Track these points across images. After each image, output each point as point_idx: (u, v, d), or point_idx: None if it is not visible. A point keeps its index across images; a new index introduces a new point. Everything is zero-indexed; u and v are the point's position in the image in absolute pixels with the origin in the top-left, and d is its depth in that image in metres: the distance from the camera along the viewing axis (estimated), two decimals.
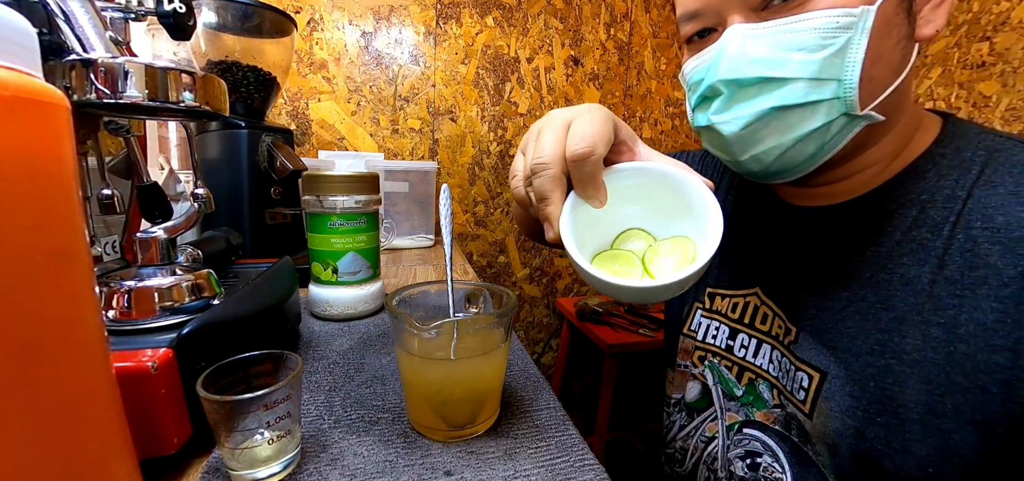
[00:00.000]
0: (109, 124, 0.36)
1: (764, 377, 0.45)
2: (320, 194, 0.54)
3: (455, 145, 1.38)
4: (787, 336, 0.43)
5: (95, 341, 0.19)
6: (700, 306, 0.54)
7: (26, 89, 0.16)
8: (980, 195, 0.35)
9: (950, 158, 0.37)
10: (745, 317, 0.47)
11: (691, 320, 0.54)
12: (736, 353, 0.47)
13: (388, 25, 1.27)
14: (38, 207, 0.16)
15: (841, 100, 0.33)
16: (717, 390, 0.49)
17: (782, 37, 0.33)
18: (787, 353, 0.42)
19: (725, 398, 0.48)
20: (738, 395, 0.47)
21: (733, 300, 0.49)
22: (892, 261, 0.37)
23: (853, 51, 0.32)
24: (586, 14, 1.41)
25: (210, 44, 0.79)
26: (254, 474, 0.28)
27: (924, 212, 0.37)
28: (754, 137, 0.36)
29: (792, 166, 0.38)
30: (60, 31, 0.30)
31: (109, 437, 0.20)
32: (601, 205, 0.34)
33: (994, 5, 0.93)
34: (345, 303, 0.57)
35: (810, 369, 0.40)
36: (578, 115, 0.34)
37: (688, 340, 0.54)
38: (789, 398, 0.42)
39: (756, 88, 0.35)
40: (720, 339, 0.50)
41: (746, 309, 0.48)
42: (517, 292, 1.53)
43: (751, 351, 0.46)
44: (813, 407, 0.39)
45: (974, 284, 0.33)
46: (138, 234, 0.36)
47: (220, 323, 0.34)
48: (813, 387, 0.39)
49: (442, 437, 0.34)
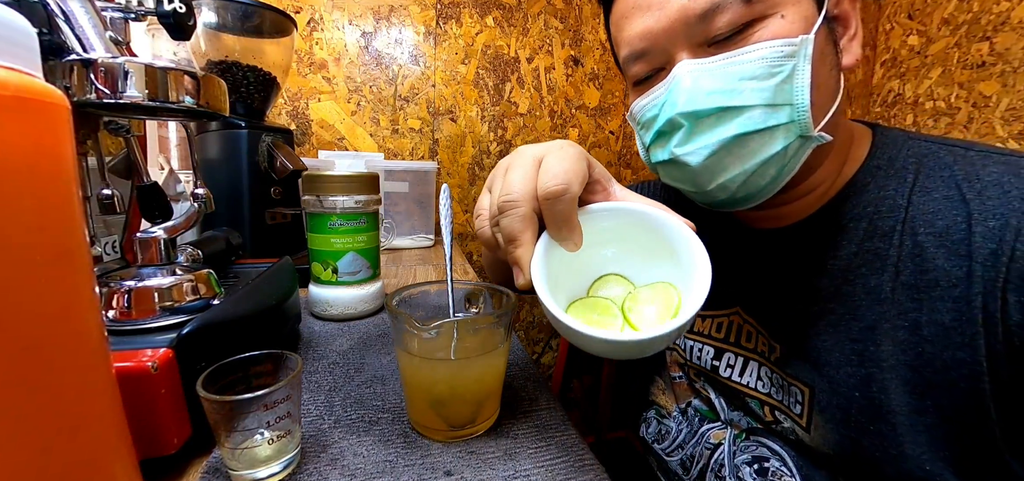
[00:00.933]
0: (109, 124, 0.36)
1: (753, 396, 0.45)
2: (320, 194, 0.54)
3: (455, 145, 1.38)
4: (772, 353, 0.44)
5: (95, 341, 0.19)
6: None
7: (26, 89, 0.16)
8: (919, 202, 0.37)
9: (885, 169, 0.40)
10: (730, 336, 0.48)
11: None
12: (722, 374, 0.48)
13: (388, 25, 1.27)
14: (38, 207, 0.16)
15: (796, 123, 0.35)
16: (719, 402, 0.50)
17: (731, 69, 0.35)
18: (776, 370, 0.43)
19: (729, 410, 0.49)
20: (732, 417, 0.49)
21: (716, 320, 0.50)
22: (852, 272, 0.39)
23: (799, 76, 0.35)
24: (586, 14, 1.41)
25: (210, 44, 0.79)
26: (254, 474, 0.28)
27: (873, 223, 0.39)
28: (719, 165, 0.37)
29: (756, 190, 0.39)
30: (60, 31, 0.30)
31: (109, 437, 0.20)
32: (576, 248, 0.32)
33: (994, 5, 0.93)
34: (345, 303, 0.57)
35: (800, 384, 0.41)
36: (549, 151, 0.32)
37: (674, 353, 0.55)
38: (787, 413, 0.42)
39: (714, 119, 0.36)
40: (705, 360, 0.50)
41: (730, 328, 0.48)
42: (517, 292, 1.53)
43: (737, 370, 0.47)
44: (809, 421, 0.40)
45: (928, 286, 0.35)
46: (138, 234, 0.36)
47: (220, 323, 0.34)
48: (806, 402, 0.40)
49: (442, 437, 0.34)
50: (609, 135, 1.51)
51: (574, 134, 1.47)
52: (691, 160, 0.38)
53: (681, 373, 0.55)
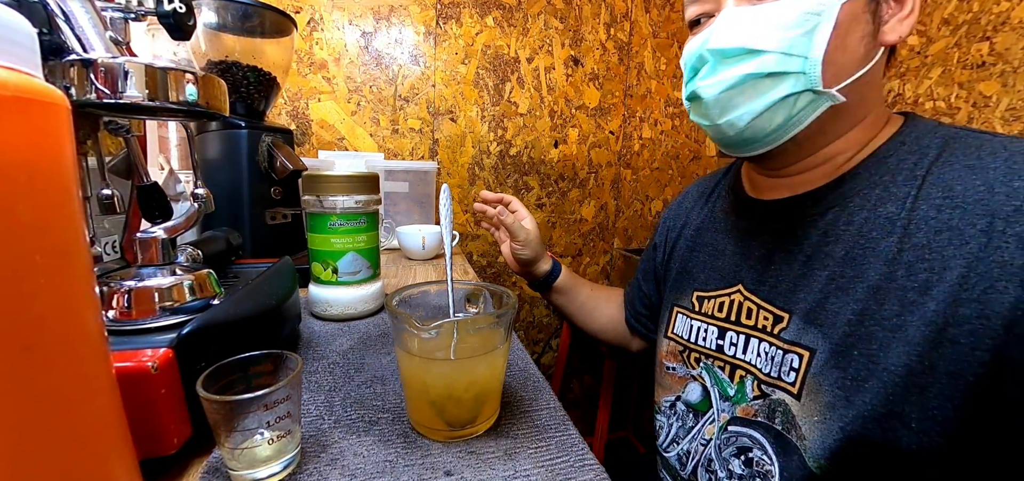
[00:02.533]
0: (109, 124, 0.36)
1: (751, 371, 0.46)
2: (320, 194, 0.54)
3: (455, 145, 1.38)
4: (776, 324, 0.45)
5: (95, 341, 0.19)
6: (681, 309, 0.57)
7: (26, 89, 0.16)
8: (939, 172, 0.38)
9: (910, 145, 0.41)
10: (731, 314, 0.50)
11: (673, 323, 0.57)
12: (727, 352, 0.49)
13: (388, 25, 1.27)
14: (38, 207, 0.16)
15: (806, 75, 0.38)
16: (714, 392, 0.51)
17: (764, 16, 0.39)
18: (775, 341, 0.44)
19: (720, 399, 0.50)
20: (731, 394, 0.48)
21: (718, 300, 0.52)
22: (863, 236, 0.40)
23: (820, 33, 0.37)
24: (586, 14, 1.41)
25: (210, 44, 0.79)
26: (254, 474, 0.28)
27: (887, 189, 0.40)
28: (730, 102, 0.41)
29: (762, 134, 0.42)
30: (60, 31, 0.30)
31: (109, 437, 0.20)
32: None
33: (994, 5, 0.93)
34: (345, 303, 0.57)
35: (800, 349, 0.42)
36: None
37: (671, 343, 0.57)
38: (775, 384, 0.43)
39: (737, 59, 0.40)
40: (710, 340, 0.51)
41: (731, 306, 0.50)
42: (517, 292, 1.53)
43: (740, 347, 0.48)
44: (802, 386, 0.41)
45: (941, 246, 0.36)
46: (138, 234, 0.36)
47: (220, 323, 0.34)
48: (803, 366, 0.41)
49: (442, 437, 0.34)
50: (609, 135, 1.51)
51: (574, 134, 1.47)
52: (706, 93, 0.41)
53: (676, 364, 0.56)
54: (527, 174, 1.46)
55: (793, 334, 0.43)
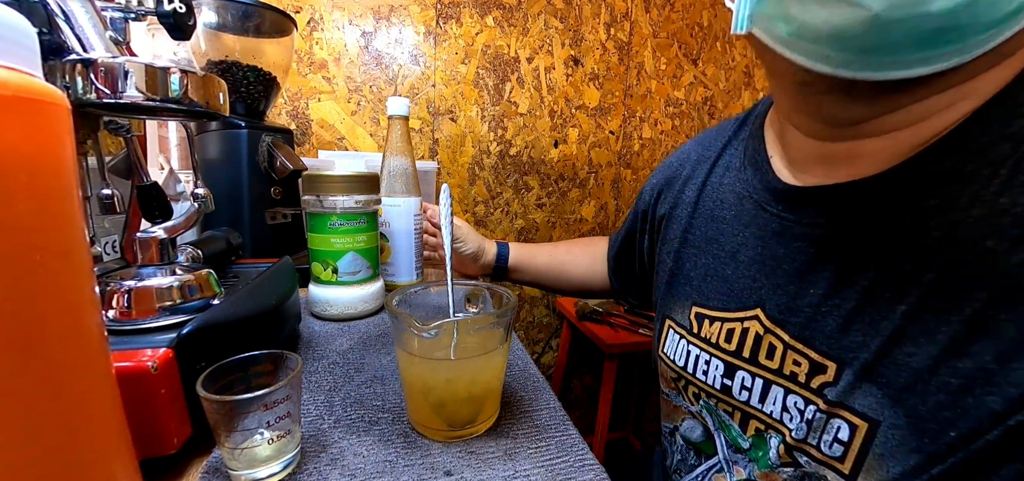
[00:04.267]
0: (109, 124, 0.36)
1: (777, 428, 0.35)
2: (320, 194, 0.54)
3: (455, 145, 1.38)
4: (816, 375, 0.32)
5: (95, 341, 0.19)
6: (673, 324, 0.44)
7: (26, 89, 0.16)
8: None
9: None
10: (744, 349, 0.37)
11: (664, 340, 0.45)
12: (737, 396, 0.38)
13: (388, 25, 1.27)
14: (38, 207, 0.16)
15: None
16: (720, 438, 0.40)
17: None
18: (813, 397, 0.32)
19: (729, 449, 0.40)
20: (744, 448, 0.38)
21: (727, 325, 0.39)
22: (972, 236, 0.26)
23: None
24: (586, 14, 1.41)
25: (210, 44, 0.79)
26: (254, 474, 0.28)
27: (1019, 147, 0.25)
28: None
29: (972, 26, 0.22)
30: (60, 31, 0.30)
31: (109, 437, 0.20)
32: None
33: None
34: (345, 303, 0.57)
35: (854, 417, 0.30)
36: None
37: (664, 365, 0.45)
38: (811, 453, 0.32)
39: None
40: (713, 377, 0.39)
41: (744, 338, 0.37)
42: (517, 292, 1.53)
43: (756, 394, 0.36)
44: (859, 467, 0.30)
45: None
46: (138, 234, 0.36)
47: (220, 323, 0.34)
48: (859, 440, 0.30)
49: (442, 437, 0.34)
50: (609, 135, 1.51)
51: (574, 134, 1.47)
52: None
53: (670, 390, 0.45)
54: (527, 174, 1.46)
55: (842, 393, 0.30)
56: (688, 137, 1.60)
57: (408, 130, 0.68)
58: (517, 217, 1.47)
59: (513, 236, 1.48)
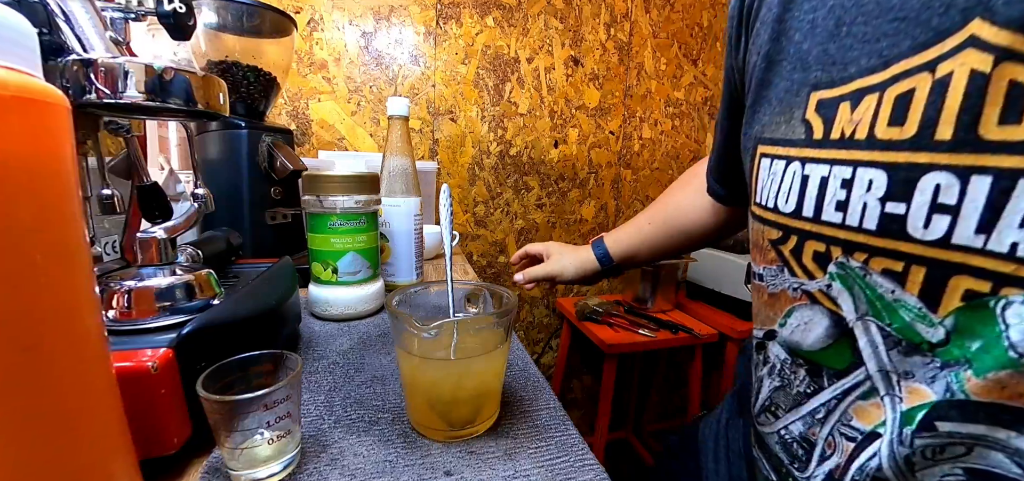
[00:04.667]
0: (109, 124, 0.36)
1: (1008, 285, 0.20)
2: (320, 194, 0.54)
3: (455, 145, 1.38)
4: None
5: (95, 341, 0.19)
6: (770, 148, 0.29)
7: (26, 89, 0.16)
8: None
9: None
10: (938, 124, 0.21)
11: (756, 182, 0.30)
12: (918, 232, 0.22)
13: (388, 25, 1.27)
14: (38, 207, 0.16)
15: None
16: (869, 333, 0.24)
17: None
18: None
19: (892, 350, 0.24)
20: (934, 340, 0.22)
21: (893, 92, 0.23)
22: None
23: None
24: (586, 14, 1.41)
25: (210, 44, 0.79)
26: (254, 474, 0.28)
27: None
28: None
29: None
30: (60, 31, 0.30)
31: (109, 437, 0.20)
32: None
33: None
34: (345, 303, 0.57)
35: None
36: None
37: (760, 226, 0.30)
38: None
39: None
40: (861, 206, 0.24)
41: (939, 101, 0.21)
42: (517, 292, 1.53)
43: (972, 217, 0.20)
44: None
45: None
46: (138, 234, 0.36)
47: (220, 323, 0.34)
48: None
49: (442, 437, 0.34)
50: (609, 135, 1.51)
51: (574, 134, 1.47)
52: None
53: (764, 265, 0.30)
54: (527, 174, 1.45)
55: None
56: (688, 137, 1.60)
57: (408, 130, 0.68)
58: (517, 217, 1.47)
59: (513, 236, 1.48)
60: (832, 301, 0.26)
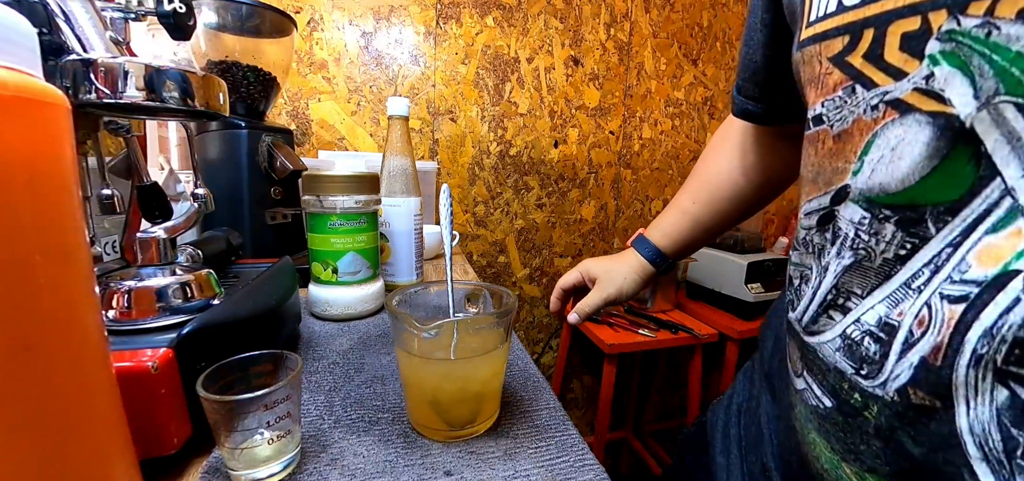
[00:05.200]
0: (109, 124, 0.36)
1: None
2: (320, 194, 0.54)
3: (455, 145, 1.38)
4: None
5: (95, 341, 0.19)
6: None
7: (26, 89, 0.16)
8: None
9: None
10: None
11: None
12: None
13: (388, 25, 1.27)
14: (38, 207, 0.16)
15: None
16: (1007, 121, 0.17)
17: None
18: None
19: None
20: None
21: None
22: None
23: None
24: (586, 14, 1.41)
25: (210, 44, 0.79)
26: (254, 474, 0.28)
27: None
28: None
29: None
30: (60, 31, 0.30)
31: (109, 437, 0.20)
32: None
33: None
34: (345, 303, 0.57)
35: None
36: None
37: (818, 46, 0.24)
38: None
39: None
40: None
41: None
42: (517, 292, 1.53)
43: None
44: None
45: None
46: (138, 234, 0.36)
47: (220, 323, 0.34)
48: None
49: (442, 437, 0.34)
50: (609, 135, 1.51)
51: (574, 134, 1.47)
52: None
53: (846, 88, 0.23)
54: (527, 174, 1.45)
55: None
56: (688, 137, 1.60)
57: (408, 130, 0.68)
58: (517, 217, 1.47)
59: (513, 236, 1.48)
60: (936, 98, 0.18)
